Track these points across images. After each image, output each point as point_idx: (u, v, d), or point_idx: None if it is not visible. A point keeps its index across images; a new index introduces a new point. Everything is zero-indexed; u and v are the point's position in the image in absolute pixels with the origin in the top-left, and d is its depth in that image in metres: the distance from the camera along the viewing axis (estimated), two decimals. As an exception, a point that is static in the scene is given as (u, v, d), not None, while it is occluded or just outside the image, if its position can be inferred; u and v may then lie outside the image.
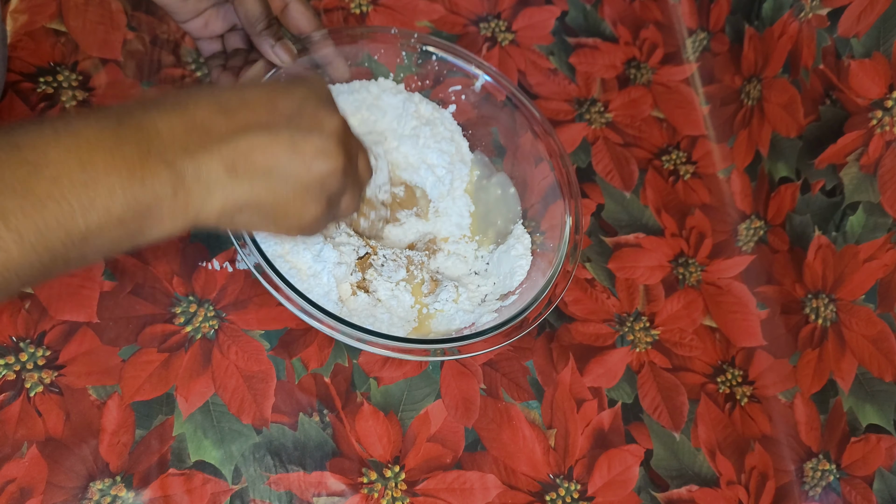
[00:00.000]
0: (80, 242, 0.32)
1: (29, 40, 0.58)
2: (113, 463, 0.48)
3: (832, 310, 0.60)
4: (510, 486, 0.54)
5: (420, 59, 0.61)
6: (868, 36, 0.58)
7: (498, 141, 0.62)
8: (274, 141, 0.36)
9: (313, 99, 0.39)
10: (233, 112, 0.36)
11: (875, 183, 0.58)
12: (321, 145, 0.38)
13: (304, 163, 0.37)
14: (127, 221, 0.33)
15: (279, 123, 0.37)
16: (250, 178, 0.36)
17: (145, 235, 0.34)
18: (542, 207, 0.59)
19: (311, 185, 0.38)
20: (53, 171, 0.31)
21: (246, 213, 0.37)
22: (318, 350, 0.54)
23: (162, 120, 0.34)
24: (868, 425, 0.57)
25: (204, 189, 0.35)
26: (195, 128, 0.35)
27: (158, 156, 0.33)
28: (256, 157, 0.36)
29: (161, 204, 0.33)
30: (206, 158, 0.34)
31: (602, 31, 0.74)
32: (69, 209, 0.31)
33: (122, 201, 0.32)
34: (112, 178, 0.32)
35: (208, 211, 0.35)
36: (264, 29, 0.52)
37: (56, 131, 0.32)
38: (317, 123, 0.38)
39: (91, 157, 0.32)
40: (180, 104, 0.35)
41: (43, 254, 0.31)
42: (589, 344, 0.61)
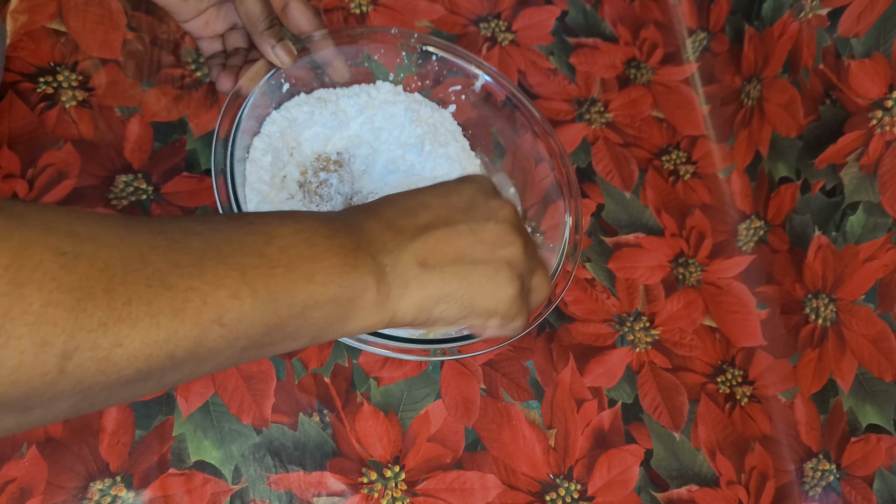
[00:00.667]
0: (300, 314, 0.34)
1: (29, 40, 0.58)
2: (113, 463, 0.48)
3: (832, 310, 0.60)
4: (510, 486, 0.54)
5: (420, 59, 0.61)
6: (868, 36, 0.58)
7: (498, 141, 0.62)
8: (455, 232, 0.39)
9: (482, 193, 0.42)
10: (414, 213, 0.39)
11: (875, 183, 0.58)
12: (498, 230, 0.40)
13: (487, 248, 0.40)
14: (339, 303, 0.35)
15: (457, 217, 0.40)
16: (440, 268, 0.38)
17: (349, 324, 0.36)
18: (541, 207, 0.59)
19: (499, 266, 0.40)
20: (283, 243, 0.34)
21: (443, 304, 0.39)
22: (318, 350, 0.54)
23: (364, 222, 0.38)
24: (868, 425, 0.57)
25: (402, 283, 0.37)
26: (388, 228, 0.38)
27: (366, 249, 0.36)
28: (443, 248, 0.38)
29: (366, 294, 0.36)
30: (401, 255, 0.37)
31: (602, 31, 0.74)
32: (295, 277, 0.33)
33: (338, 281, 0.35)
34: (331, 259, 0.35)
35: (405, 306, 0.37)
36: (266, 29, 0.52)
37: (283, 217, 0.36)
38: (490, 213, 0.41)
39: (314, 239, 0.35)
40: (373, 211, 0.39)
41: (270, 315, 0.33)
42: (589, 344, 0.61)
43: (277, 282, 0.33)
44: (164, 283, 0.30)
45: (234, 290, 0.31)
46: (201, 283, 0.31)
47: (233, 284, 0.32)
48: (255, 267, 0.32)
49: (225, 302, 0.31)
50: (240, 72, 0.54)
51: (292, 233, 0.35)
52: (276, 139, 0.56)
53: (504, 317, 0.41)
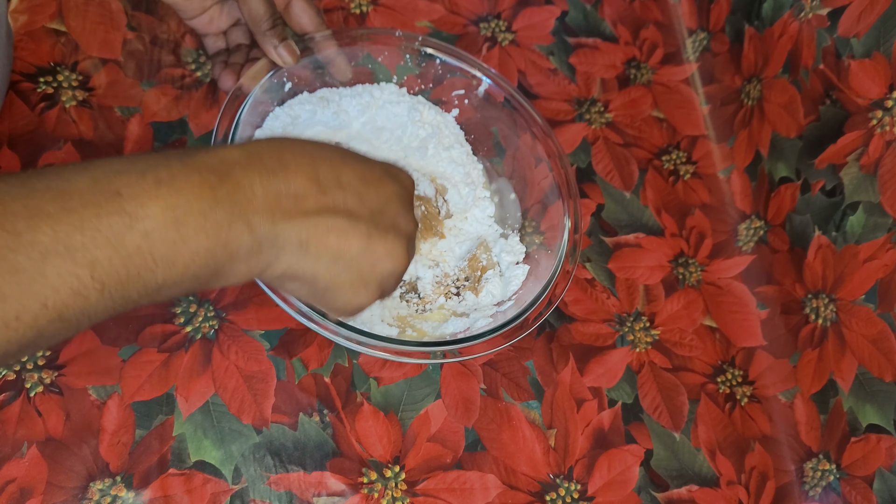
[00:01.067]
0: (153, 293, 0.33)
1: (29, 40, 0.58)
2: (113, 463, 0.48)
3: (832, 310, 0.60)
4: (510, 486, 0.54)
5: (421, 60, 0.61)
6: (868, 36, 0.58)
7: (498, 141, 0.62)
8: (352, 229, 0.37)
9: (398, 199, 0.40)
10: (325, 189, 0.37)
11: (875, 183, 0.58)
12: (392, 247, 0.39)
13: (372, 259, 0.38)
14: (200, 277, 0.34)
15: (362, 214, 0.38)
16: (317, 256, 0.37)
17: (209, 286, 0.36)
18: (541, 208, 0.59)
19: (371, 280, 0.39)
20: (147, 226, 0.31)
21: (297, 284, 0.38)
22: (318, 350, 0.54)
23: (261, 183, 0.35)
24: (868, 425, 0.57)
25: (275, 254, 0.36)
26: (288, 196, 0.36)
27: (246, 220, 0.34)
28: (331, 239, 0.37)
29: (234, 264, 0.35)
30: (285, 227, 0.35)
31: (602, 31, 0.74)
32: (152, 265, 0.32)
33: (203, 261, 0.33)
34: (200, 241, 0.33)
35: (269, 273, 0.37)
36: (269, 29, 0.52)
37: (158, 183, 0.32)
38: (394, 225, 0.39)
39: (186, 218, 0.32)
40: (282, 166, 0.36)
41: (118, 301, 0.32)
42: (589, 344, 0.61)
43: (130, 272, 0.31)
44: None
45: (78, 288, 0.30)
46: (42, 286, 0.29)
47: (77, 283, 0.30)
48: (108, 260, 0.30)
49: (67, 301, 0.30)
50: (242, 70, 0.54)
51: (162, 211, 0.31)
52: (278, 134, 0.56)
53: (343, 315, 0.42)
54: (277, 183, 0.35)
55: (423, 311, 0.56)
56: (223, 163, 0.34)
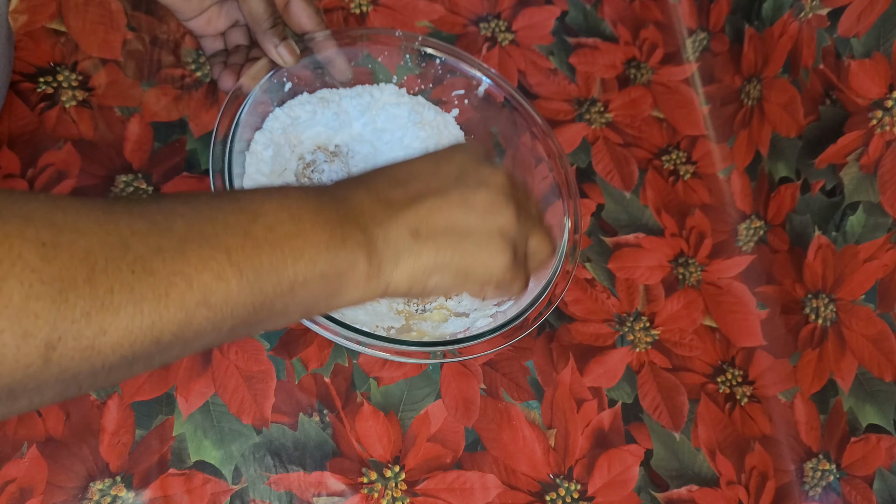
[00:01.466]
0: (288, 291, 0.34)
1: (29, 40, 0.58)
2: (113, 463, 0.48)
3: (832, 310, 0.60)
4: (510, 486, 0.54)
5: (421, 60, 0.61)
6: (868, 36, 0.58)
7: (498, 141, 0.62)
8: (447, 201, 0.39)
9: (473, 160, 0.42)
10: (405, 183, 0.39)
11: (875, 183, 0.58)
12: (490, 198, 0.40)
13: (479, 216, 0.39)
14: (328, 278, 0.35)
15: (448, 186, 0.39)
16: (433, 238, 0.38)
17: (340, 297, 0.36)
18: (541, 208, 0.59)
19: (492, 233, 0.40)
20: (268, 220, 0.34)
21: (437, 275, 0.38)
22: (318, 350, 0.54)
23: (353, 195, 0.38)
24: (868, 425, 0.57)
25: (394, 254, 0.37)
26: (379, 200, 0.38)
27: (355, 222, 0.36)
28: (435, 218, 0.38)
29: (357, 267, 0.36)
30: (392, 226, 0.37)
31: (602, 31, 0.74)
32: (282, 255, 0.33)
33: (326, 257, 0.34)
34: (318, 235, 0.35)
35: (399, 277, 0.37)
36: (269, 28, 0.52)
37: (269, 193, 0.35)
38: (482, 180, 0.40)
39: (300, 215, 0.35)
40: (363, 183, 0.39)
41: (256, 294, 0.33)
42: (589, 344, 0.61)
43: (263, 261, 0.33)
44: (146, 268, 0.29)
45: (218, 271, 0.31)
46: (185, 266, 0.30)
47: (217, 266, 0.31)
48: (241, 247, 0.32)
49: (210, 284, 0.31)
50: (241, 70, 0.54)
51: (278, 209, 0.34)
52: (277, 135, 0.56)
53: (499, 284, 0.41)
54: (367, 193, 0.38)
55: (422, 312, 0.56)
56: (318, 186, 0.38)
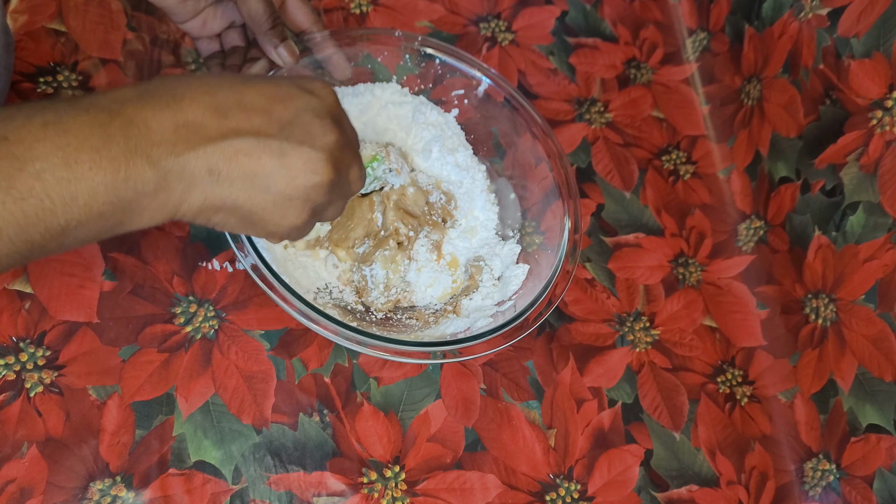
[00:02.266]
0: (59, 235, 0.32)
1: (29, 40, 0.58)
2: (113, 463, 0.48)
3: (832, 310, 0.60)
4: (510, 486, 0.54)
5: (421, 60, 0.61)
6: (868, 36, 0.58)
7: (498, 141, 0.62)
8: (262, 148, 0.36)
9: (312, 110, 0.39)
10: (226, 113, 0.36)
11: (875, 183, 0.58)
12: (309, 158, 0.37)
13: (289, 174, 0.37)
14: (107, 216, 0.33)
15: (271, 131, 0.37)
16: (231, 181, 0.36)
17: (124, 227, 0.35)
18: (541, 208, 0.59)
19: (294, 196, 0.38)
20: (38, 167, 0.31)
21: (222, 214, 0.37)
22: (318, 350, 0.54)
23: (154, 117, 0.34)
24: (868, 425, 0.57)
25: (186, 187, 0.35)
26: (185, 126, 0.35)
27: (144, 154, 0.34)
28: (241, 161, 0.36)
29: (142, 200, 0.34)
30: (191, 157, 0.35)
31: (602, 31, 0.74)
32: (50, 205, 0.31)
33: (104, 199, 0.33)
34: (96, 177, 0.32)
35: (186, 208, 0.36)
36: (269, 29, 0.52)
37: (45, 125, 0.32)
38: (309, 136, 0.38)
39: (77, 156, 0.32)
40: (176, 99, 0.35)
41: (21, 246, 0.32)
42: (589, 344, 0.61)
43: (28, 213, 0.31)
44: None
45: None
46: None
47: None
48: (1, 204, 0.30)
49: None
50: (240, 71, 0.54)
51: (51, 151, 0.31)
52: None
53: (281, 239, 0.41)
54: (172, 114, 0.35)
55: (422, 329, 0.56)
56: (113, 101, 0.34)
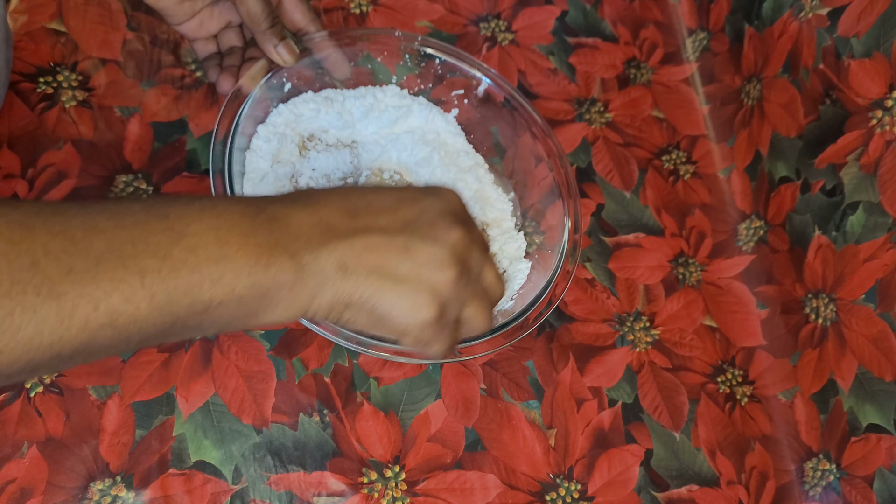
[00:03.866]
0: (201, 313, 0.34)
1: (29, 40, 0.58)
2: (113, 463, 0.48)
3: (832, 309, 0.60)
4: (510, 486, 0.54)
5: (421, 60, 0.61)
6: (868, 36, 0.58)
7: (498, 141, 0.62)
8: (387, 243, 0.37)
9: (437, 209, 0.40)
10: (356, 214, 0.38)
11: (875, 183, 0.58)
12: (435, 253, 0.38)
13: (414, 266, 0.38)
14: (246, 301, 0.35)
15: (397, 228, 0.38)
16: (358, 276, 0.37)
17: (259, 318, 0.36)
18: (541, 208, 0.59)
19: (421, 289, 0.38)
20: (193, 242, 0.33)
21: (352, 311, 0.38)
22: (318, 350, 0.54)
23: (294, 215, 0.36)
24: (868, 425, 0.57)
25: (318, 283, 0.36)
26: (320, 225, 0.37)
27: (285, 247, 0.35)
28: (369, 256, 0.37)
29: (279, 291, 0.35)
30: (324, 253, 0.36)
31: (602, 31, 0.74)
32: (199, 280, 0.33)
33: (247, 282, 0.34)
34: (242, 260, 0.34)
35: (317, 304, 0.37)
36: (268, 28, 0.52)
37: (203, 209, 0.35)
38: (434, 233, 0.39)
39: (228, 238, 0.34)
40: (311, 203, 0.38)
41: (167, 317, 0.33)
42: (589, 344, 0.61)
43: (179, 284, 0.33)
44: (53, 291, 0.30)
45: (129, 294, 0.31)
46: (94, 289, 0.31)
47: (128, 289, 0.31)
48: (157, 270, 0.32)
49: (118, 307, 0.31)
50: (239, 71, 0.54)
51: (206, 230, 0.34)
52: (281, 127, 0.56)
53: (415, 341, 0.39)
54: (309, 215, 0.37)
55: None
56: (261, 200, 0.37)
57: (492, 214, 0.59)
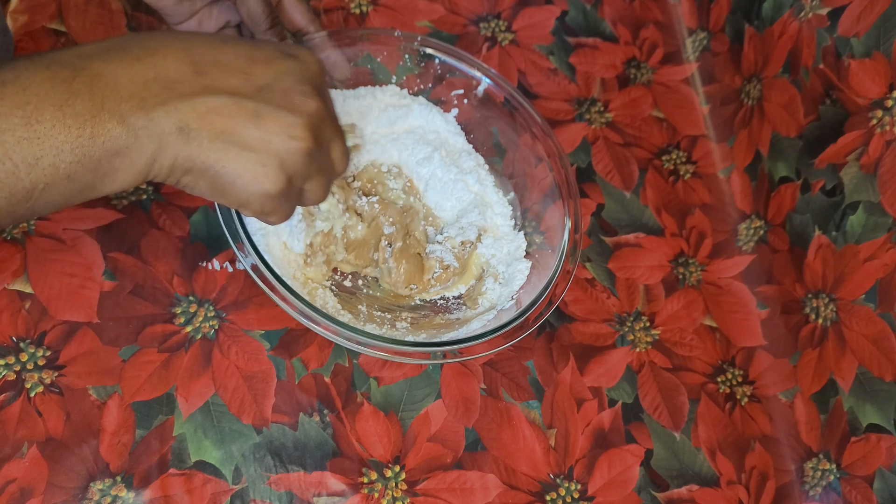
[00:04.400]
0: (26, 199, 0.31)
1: (29, 40, 0.58)
2: (113, 463, 0.48)
3: (832, 309, 0.60)
4: (510, 486, 0.54)
5: (421, 60, 0.61)
6: (868, 36, 0.58)
7: (498, 141, 0.62)
8: (236, 107, 0.34)
9: (294, 75, 0.37)
10: (202, 71, 0.34)
11: (875, 182, 0.58)
12: (288, 122, 0.36)
13: (264, 134, 0.35)
14: (76, 177, 0.32)
15: (248, 92, 0.35)
16: (201, 140, 0.34)
17: (96, 189, 0.33)
18: (541, 208, 0.59)
19: (267, 160, 0.35)
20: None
21: (192, 176, 0.35)
22: (318, 350, 0.54)
23: (123, 71, 0.33)
24: (868, 425, 0.57)
25: (156, 145, 0.33)
26: (157, 81, 0.33)
27: (112, 110, 0.32)
28: (213, 119, 0.34)
29: (112, 159, 0.32)
30: (161, 114, 0.33)
31: (602, 31, 0.74)
32: (12, 168, 0.30)
33: (71, 158, 0.31)
34: (60, 135, 0.31)
35: (157, 168, 0.34)
36: (268, 28, 0.52)
37: (3, 84, 0.31)
38: (288, 100, 0.36)
39: (38, 114, 0.31)
40: (148, 53, 0.34)
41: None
42: (589, 344, 0.61)
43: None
44: None
45: None
46: None
47: None
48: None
49: None
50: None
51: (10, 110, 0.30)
52: None
53: (256, 212, 0.37)
54: (144, 69, 0.33)
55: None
56: (78, 56, 0.33)
57: (491, 220, 0.59)
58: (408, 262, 0.55)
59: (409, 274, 0.55)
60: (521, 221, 0.60)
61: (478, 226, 0.58)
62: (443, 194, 0.59)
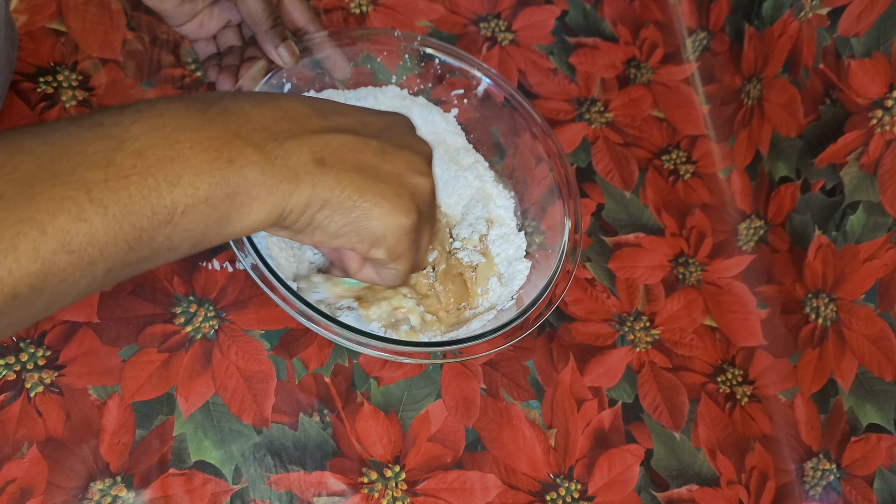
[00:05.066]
0: (167, 222, 0.30)
1: (29, 40, 0.58)
2: (113, 463, 0.48)
3: (832, 309, 0.60)
4: (510, 486, 0.54)
5: (421, 60, 0.61)
6: (868, 35, 0.58)
7: (498, 141, 0.62)
8: (364, 144, 0.35)
9: (402, 126, 0.39)
10: (325, 115, 0.35)
11: (875, 182, 0.58)
12: (411, 159, 0.37)
13: (394, 170, 0.35)
14: (214, 202, 0.31)
15: (370, 133, 0.36)
16: (338, 170, 0.34)
17: (234, 223, 0.33)
18: (541, 208, 0.59)
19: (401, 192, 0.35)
20: (137, 146, 0.30)
21: (329, 210, 0.34)
22: (318, 350, 0.54)
23: (252, 108, 0.33)
24: (868, 425, 0.57)
25: (292, 177, 0.33)
26: (286, 117, 0.34)
27: (247, 137, 0.32)
28: (346, 153, 0.34)
29: (250, 187, 0.32)
30: (294, 146, 0.33)
31: (602, 31, 0.74)
32: (154, 184, 0.30)
33: (210, 179, 0.31)
34: (198, 155, 0.31)
35: (295, 201, 0.33)
36: (269, 28, 0.52)
37: (139, 111, 0.31)
38: (407, 143, 0.37)
39: (176, 135, 0.31)
40: (272, 98, 0.35)
41: (128, 230, 0.29)
42: (589, 344, 0.61)
43: (132, 192, 0.29)
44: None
45: (76, 211, 0.28)
46: (35, 211, 0.27)
47: (75, 206, 0.28)
48: (102, 181, 0.29)
49: (68, 226, 0.28)
50: (238, 70, 0.54)
51: (149, 130, 0.30)
52: None
53: (389, 251, 0.37)
54: (271, 108, 0.33)
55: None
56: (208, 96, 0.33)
57: (495, 212, 0.59)
58: (453, 283, 0.55)
59: (457, 295, 0.55)
60: (521, 221, 0.60)
61: (485, 218, 0.58)
62: (444, 192, 0.59)
